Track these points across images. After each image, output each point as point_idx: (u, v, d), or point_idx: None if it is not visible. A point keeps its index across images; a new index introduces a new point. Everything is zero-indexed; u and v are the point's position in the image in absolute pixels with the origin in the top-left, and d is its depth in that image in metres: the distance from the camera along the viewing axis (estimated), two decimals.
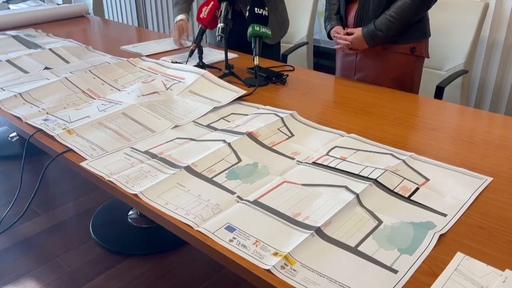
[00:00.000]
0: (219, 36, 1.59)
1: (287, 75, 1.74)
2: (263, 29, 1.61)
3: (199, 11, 1.69)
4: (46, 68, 1.85)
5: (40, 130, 1.32)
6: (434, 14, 1.74)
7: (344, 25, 1.76)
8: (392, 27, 1.60)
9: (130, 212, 2.17)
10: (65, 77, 1.66)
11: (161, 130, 1.33)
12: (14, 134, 2.99)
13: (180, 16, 2.09)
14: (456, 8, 2.08)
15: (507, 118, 1.45)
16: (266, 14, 1.63)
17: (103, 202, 2.29)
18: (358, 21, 1.69)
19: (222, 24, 1.59)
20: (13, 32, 2.36)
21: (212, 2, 1.68)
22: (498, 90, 2.42)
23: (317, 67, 3.42)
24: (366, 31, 1.63)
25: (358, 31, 1.66)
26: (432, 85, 2.00)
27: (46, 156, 2.64)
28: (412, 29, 1.65)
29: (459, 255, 0.81)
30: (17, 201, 1.30)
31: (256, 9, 1.61)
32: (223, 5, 1.62)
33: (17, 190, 1.31)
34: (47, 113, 1.43)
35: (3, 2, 3.24)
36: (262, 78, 1.67)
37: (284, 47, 2.59)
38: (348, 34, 1.69)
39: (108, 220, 2.16)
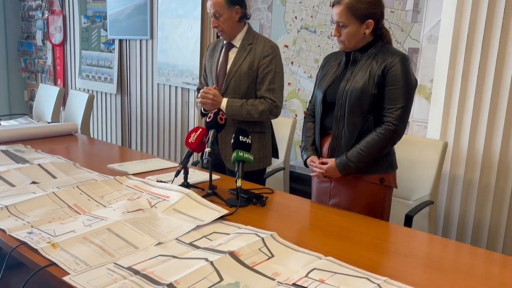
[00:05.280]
0: (206, 159, 1.71)
1: (267, 197, 1.84)
2: (246, 155, 1.76)
3: (188, 136, 1.84)
4: (33, 182, 1.90)
5: (24, 243, 1.33)
6: (400, 149, 1.93)
7: (319, 155, 1.93)
8: (362, 159, 1.77)
9: None
10: (52, 192, 1.72)
11: (145, 247, 1.36)
12: None
13: None
14: (419, 145, 2.31)
15: (473, 248, 1.55)
16: (249, 142, 1.78)
17: None
18: (331, 153, 1.86)
19: (209, 149, 1.74)
20: (2, 147, 2.45)
21: (200, 129, 1.84)
22: (462, 221, 2.56)
23: (292, 190, 3.56)
24: (339, 161, 1.79)
25: (332, 161, 1.82)
26: (402, 213, 2.13)
27: (15, 272, 2.54)
28: (381, 161, 1.82)
29: None
30: None
31: (240, 137, 1.77)
32: (211, 133, 1.78)
33: None
34: (32, 226, 1.46)
35: None
36: (243, 199, 1.77)
37: None
38: (322, 163, 1.85)
39: None
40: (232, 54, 2.28)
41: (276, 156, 2.47)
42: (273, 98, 2.21)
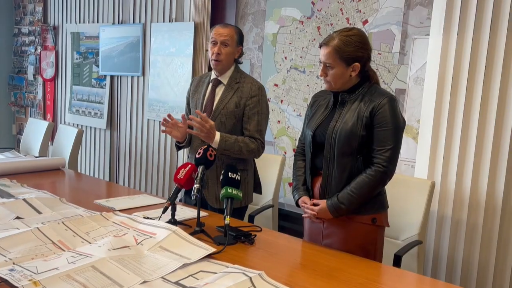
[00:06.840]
0: (194, 196, 1.70)
1: (255, 235, 1.82)
2: (235, 192, 1.75)
3: (177, 172, 1.83)
4: (18, 217, 1.86)
5: (5, 281, 1.29)
6: (389, 188, 1.94)
7: (311, 195, 1.92)
8: (353, 201, 1.76)
9: None
10: (37, 227, 1.68)
11: (130, 285, 1.33)
12: None
13: None
14: (407, 185, 2.32)
15: None
16: (239, 179, 1.78)
17: None
18: (322, 193, 1.86)
19: (197, 185, 1.72)
20: None
21: (189, 165, 1.83)
22: (451, 261, 2.55)
23: (281, 228, 3.52)
24: (330, 203, 1.79)
25: (323, 203, 1.81)
26: (391, 253, 2.11)
27: None
28: (372, 201, 1.82)
29: None
30: None
31: (230, 173, 1.77)
32: (200, 169, 1.78)
33: None
34: (14, 263, 1.42)
35: None
36: (231, 237, 1.74)
37: (251, 208, 2.73)
38: (314, 204, 1.84)
39: None
40: (219, 91, 2.31)
41: (259, 192, 2.46)
42: (261, 139, 2.27)
